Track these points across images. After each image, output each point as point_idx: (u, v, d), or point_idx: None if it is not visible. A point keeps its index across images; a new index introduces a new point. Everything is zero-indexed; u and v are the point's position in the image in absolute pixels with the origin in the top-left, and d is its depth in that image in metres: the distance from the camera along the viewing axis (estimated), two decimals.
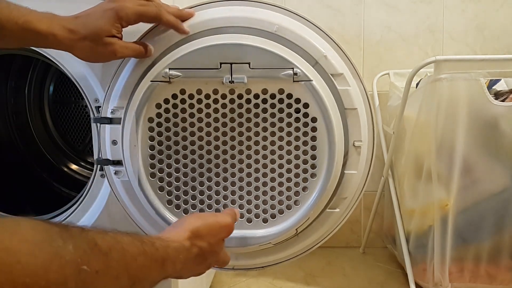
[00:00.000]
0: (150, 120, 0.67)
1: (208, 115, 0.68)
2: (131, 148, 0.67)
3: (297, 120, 0.68)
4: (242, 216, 0.70)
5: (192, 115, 0.68)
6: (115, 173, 0.72)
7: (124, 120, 0.67)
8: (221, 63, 0.64)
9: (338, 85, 0.68)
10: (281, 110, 0.67)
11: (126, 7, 0.61)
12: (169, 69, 0.64)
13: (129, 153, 0.67)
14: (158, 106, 0.67)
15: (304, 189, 0.69)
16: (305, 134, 0.68)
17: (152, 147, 0.68)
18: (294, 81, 0.65)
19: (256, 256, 0.73)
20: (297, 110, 0.67)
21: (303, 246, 0.74)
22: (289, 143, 0.69)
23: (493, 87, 1.08)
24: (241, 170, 0.69)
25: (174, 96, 0.67)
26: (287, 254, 0.74)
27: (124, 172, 0.70)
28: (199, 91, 0.67)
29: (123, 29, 0.62)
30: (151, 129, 0.67)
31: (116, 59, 0.65)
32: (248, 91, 0.66)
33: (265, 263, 0.75)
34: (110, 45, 0.61)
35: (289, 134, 0.68)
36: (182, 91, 0.67)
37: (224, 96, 0.67)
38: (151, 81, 0.65)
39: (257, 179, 0.69)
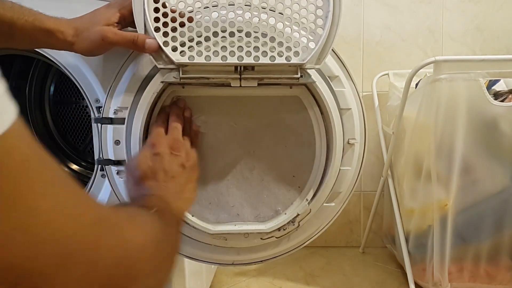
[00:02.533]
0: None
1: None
2: (140, 149, 0.67)
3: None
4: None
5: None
6: (117, 173, 0.72)
7: (129, 121, 0.68)
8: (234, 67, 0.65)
9: (334, 86, 0.71)
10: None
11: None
12: (181, 69, 0.64)
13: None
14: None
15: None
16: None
17: None
18: (299, 82, 0.66)
19: (257, 250, 0.75)
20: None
21: (300, 239, 0.77)
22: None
23: (493, 88, 1.08)
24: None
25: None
26: (286, 247, 0.77)
27: None
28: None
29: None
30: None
31: (107, 46, 0.63)
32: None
33: (265, 257, 0.76)
34: (100, 30, 0.61)
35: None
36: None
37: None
38: (161, 81, 0.65)
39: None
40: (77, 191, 0.27)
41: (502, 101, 1.02)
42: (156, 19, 0.61)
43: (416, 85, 1.19)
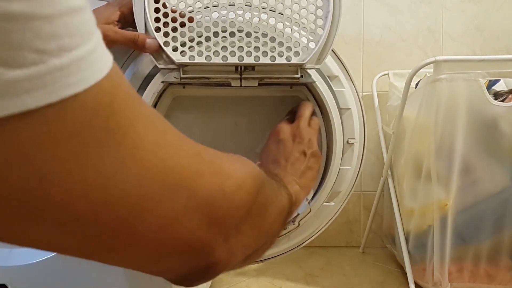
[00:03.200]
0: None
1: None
2: None
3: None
4: None
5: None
6: None
7: None
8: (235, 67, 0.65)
9: (334, 86, 0.71)
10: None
11: None
12: (182, 69, 0.63)
13: None
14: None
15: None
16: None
17: None
18: (299, 82, 0.67)
19: None
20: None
21: (300, 238, 0.77)
22: None
23: (493, 88, 1.08)
24: None
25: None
26: (286, 247, 0.77)
27: None
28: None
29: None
30: None
31: (107, 45, 0.63)
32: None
33: (265, 257, 0.77)
34: (101, 28, 0.61)
35: None
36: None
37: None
38: (162, 81, 0.65)
39: None
40: (173, 128, 0.29)
41: (502, 101, 1.02)
42: (157, 19, 0.61)
43: (416, 85, 1.19)
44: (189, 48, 0.61)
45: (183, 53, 0.62)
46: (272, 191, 0.40)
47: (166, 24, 0.61)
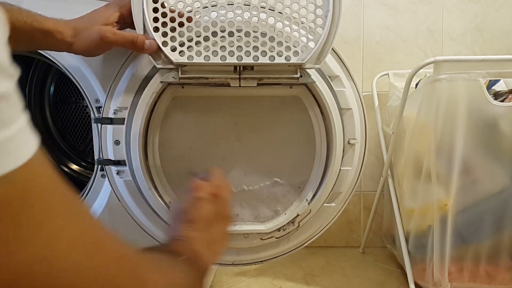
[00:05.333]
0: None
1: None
2: (140, 149, 0.67)
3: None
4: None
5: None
6: (117, 173, 0.72)
7: (128, 121, 0.68)
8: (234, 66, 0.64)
9: (334, 86, 0.71)
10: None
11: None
12: (180, 69, 0.63)
13: (137, 153, 0.67)
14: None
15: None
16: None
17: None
18: (299, 82, 0.66)
19: (257, 251, 0.75)
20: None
21: (300, 239, 0.77)
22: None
23: (492, 88, 1.08)
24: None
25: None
26: (286, 248, 0.77)
27: (127, 172, 0.71)
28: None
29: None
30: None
31: (106, 46, 0.63)
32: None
33: (265, 257, 0.77)
34: (99, 29, 0.61)
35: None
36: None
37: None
38: (161, 81, 0.65)
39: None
40: (98, 225, 0.27)
41: (502, 101, 1.01)
42: (155, 19, 0.61)
43: (416, 85, 1.19)
44: (187, 48, 0.61)
45: (181, 53, 0.61)
46: (193, 285, 0.41)
47: (164, 24, 0.61)
